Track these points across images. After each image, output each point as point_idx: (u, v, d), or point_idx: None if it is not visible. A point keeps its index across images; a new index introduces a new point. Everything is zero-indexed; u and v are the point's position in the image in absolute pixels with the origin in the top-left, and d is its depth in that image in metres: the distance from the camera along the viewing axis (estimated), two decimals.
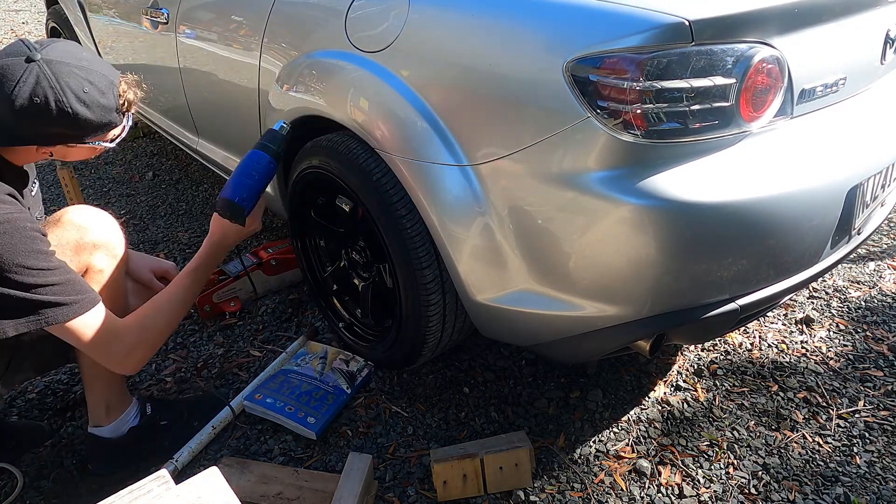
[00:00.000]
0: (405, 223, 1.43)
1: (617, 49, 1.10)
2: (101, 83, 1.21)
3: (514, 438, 1.48)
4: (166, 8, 2.27)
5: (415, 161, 1.36)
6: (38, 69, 1.14)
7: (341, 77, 1.51)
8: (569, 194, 1.18)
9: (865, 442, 1.58)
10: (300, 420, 1.61)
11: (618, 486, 1.48)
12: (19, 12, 7.29)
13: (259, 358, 1.91)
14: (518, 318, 1.37)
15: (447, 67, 1.31)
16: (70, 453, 1.60)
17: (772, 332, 1.95)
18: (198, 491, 0.94)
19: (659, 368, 1.82)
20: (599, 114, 1.13)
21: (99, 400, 1.49)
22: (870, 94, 1.46)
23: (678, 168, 1.15)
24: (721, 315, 1.24)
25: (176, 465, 1.51)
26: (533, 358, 1.87)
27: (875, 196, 1.47)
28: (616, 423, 1.64)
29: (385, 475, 1.51)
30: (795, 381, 1.76)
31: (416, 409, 1.70)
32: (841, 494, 1.44)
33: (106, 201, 3.04)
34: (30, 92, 1.13)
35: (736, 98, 1.13)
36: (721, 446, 1.57)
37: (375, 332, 1.81)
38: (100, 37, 2.99)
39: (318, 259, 1.95)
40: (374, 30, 1.45)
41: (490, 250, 1.33)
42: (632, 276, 1.18)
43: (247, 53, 1.88)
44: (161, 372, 1.87)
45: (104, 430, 1.50)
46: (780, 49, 1.17)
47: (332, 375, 1.75)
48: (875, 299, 2.09)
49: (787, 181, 1.20)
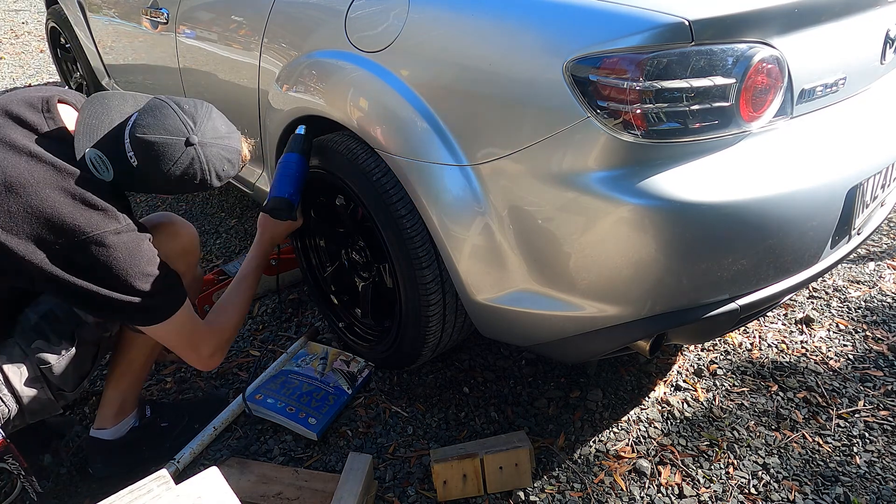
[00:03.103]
0: (405, 223, 1.43)
1: (617, 49, 1.10)
2: (235, 159, 1.36)
3: (514, 438, 1.48)
4: (166, 8, 2.27)
5: (414, 161, 1.36)
6: (195, 153, 1.27)
7: (341, 77, 1.51)
8: (569, 194, 1.18)
9: (865, 442, 1.58)
10: (301, 421, 1.61)
11: (618, 486, 1.48)
12: (19, 12, 7.29)
13: (259, 358, 1.91)
14: (518, 318, 1.37)
15: (447, 67, 1.31)
16: (70, 453, 1.60)
17: (772, 332, 1.95)
18: (198, 491, 0.94)
19: (659, 368, 1.82)
20: (599, 114, 1.13)
21: (117, 398, 1.50)
22: (870, 94, 1.46)
23: (678, 168, 1.15)
24: (721, 315, 1.24)
25: (177, 465, 1.51)
26: (533, 358, 1.87)
27: (875, 196, 1.47)
28: (616, 423, 1.64)
29: (385, 475, 1.51)
30: (795, 381, 1.76)
31: (416, 409, 1.70)
32: (841, 494, 1.44)
33: None
34: (182, 171, 1.26)
35: (736, 98, 1.13)
36: (721, 446, 1.57)
37: (375, 332, 1.81)
38: (99, 37, 2.99)
39: (318, 259, 1.95)
40: (373, 30, 1.45)
41: (490, 250, 1.33)
42: (632, 276, 1.18)
43: (247, 53, 1.89)
44: (161, 372, 1.87)
45: (106, 433, 1.50)
46: (780, 49, 1.18)
47: (333, 376, 1.75)
48: (875, 299, 2.09)
49: (786, 181, 1.20)
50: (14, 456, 1.27)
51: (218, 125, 1.32)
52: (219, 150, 1.31)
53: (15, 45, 5.91)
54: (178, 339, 1.35)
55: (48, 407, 1.30)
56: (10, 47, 5.84)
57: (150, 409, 1.60)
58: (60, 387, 1.29)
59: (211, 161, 1.29)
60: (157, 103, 1.27)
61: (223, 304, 1.50)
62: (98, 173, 1.23)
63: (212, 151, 1.29)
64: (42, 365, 1.25)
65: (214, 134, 1.30)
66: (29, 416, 1.29)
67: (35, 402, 1.27)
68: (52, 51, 3.90)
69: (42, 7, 6.82)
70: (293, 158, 1.62)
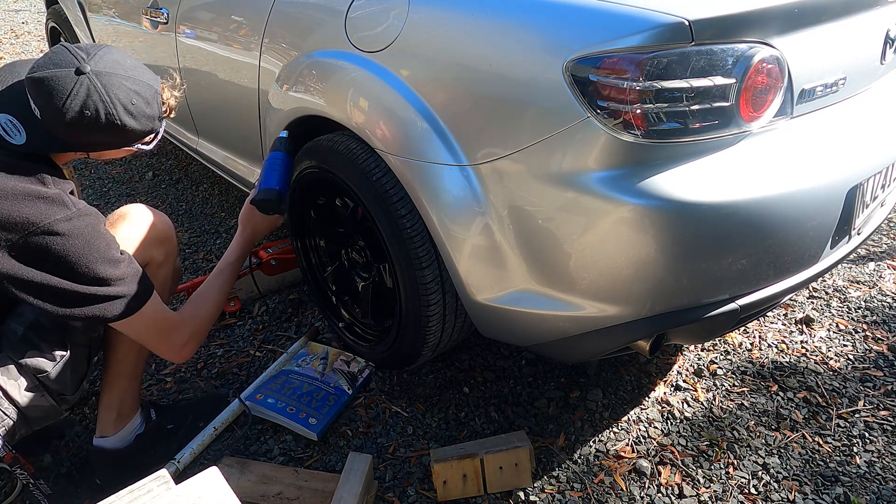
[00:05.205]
0: (405, 223, 1.43)
1: (617, 49, 1.10)
2: (147, 93, 1.24)
3: (514, 438, 1.48)
4: (166, 8, 2.27)
5: (414, 161, 1.36)
6: (89, 82, 1.15)
7: (341, 77, 1.51)
8: (569, 194, 1.18)
9: (865, 442, 1.58)
10: (301, 421, 1.61)
11: (618, 486, 1.48)
12: (19, 12, 7.29)
13: (259, 358, 1.91)
14: (518, 318, 1.37)
15: (447, 67, 1.31)
16: (69, 454, 1.59)
17: (772, 332, 1.95)
18: (198, 491, 0.94)
19: (659, 368, 1.82)
20: (599, 114, 1.13)
21: (115, 402, 1.47)
22: (870, 94, 1.46)
23: (678, 168, 1.15)
24: (721, 315, 1.24)
25: (178, 465, 1.50)
26: (533, 358, 1.87)
27: (875, 196, 1.47)
28: (616, 423, 1.64)
29: (385, 475, 1.51)
30: (795, 381, 1.76)
31: (416, 409, 1.70)
32: (841, 494, 1.44)
33: (105, 201, 3.04)
34: (80, 105, 1.15)
35: (736, 98, 1.13)
36: (721, 446, 1.57)
37: (375, 332, 1.81)
38: (99, 37, 2.99)
39: (318, 259, 1.95)
40: (373, 30, 1.45)
41: (490, 250, 1.33)
42: (632, 276, 1.18)
43: (247, 53, 1.88)
44: (161, 372, 1.87)
45: (110, 441, 1.48)
46: (780, 49, 1.17)
47: (334, 376, 1.75)
48: (875, 299, 2.09)
49: (787, 181, 1.20)
50: (22, 465, 1.27)
51: (119, 58, 1.21)
52: (121, 80, 1.18)
53: (15, 45, 5.90)
54: (151, 331, 1.31)
55: (52, 413, 1.29)
56: (11, 47, 5.84)
57: (154, 412, 1.59)
58: (61, 392, 1.28)
59: (111, 90, 1.16)
60: (54, 48, 1.19)
61: (198, 295, 1.47)
62: (10, 138, 1.16)
63: (111, 80, 1.17)
64: (39, 374, 1.23)
65: (114, 65, 1.19)
66: (34, 423, 1.28)
67: (38, 410, 1.26)
68: None
69: (42, 7, 6.82)
70: (279, 156, 1.64)
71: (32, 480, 1.29)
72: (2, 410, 1.21)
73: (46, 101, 1.15)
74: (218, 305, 1.48)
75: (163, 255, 1.45)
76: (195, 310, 1.43)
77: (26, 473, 1.29)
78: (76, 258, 1.15)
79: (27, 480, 1.28)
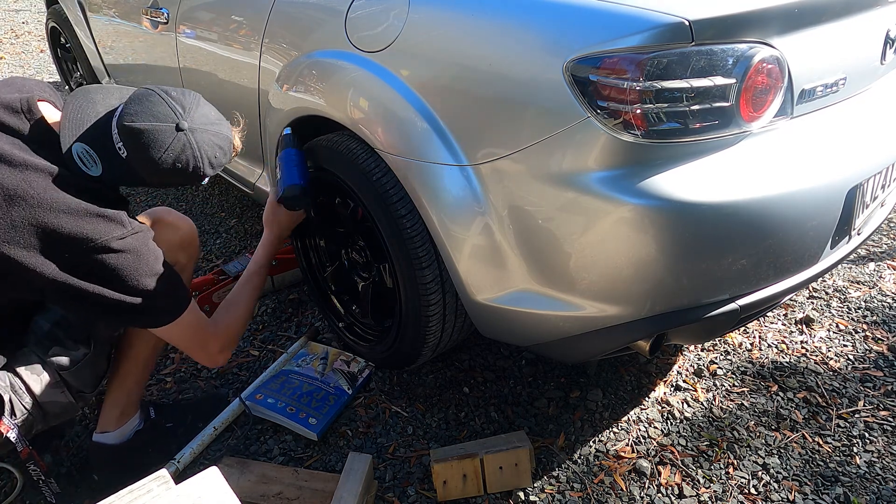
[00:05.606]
0: (405, 223, 1.43)
1: (617, 49, 1.10)
2: (226, 145, 1.32)
3: (514, 438, 1.48)
4: (166, 8, 2.27)
5: (415, 161, 1.36)
6: (185, 138, 1.23)
7: (341, 77, 1.51)
8: (569, 194, 1.18)
9: (865, 442, 1.58)
10: (301, 421, 1.61)
11: (618, 486, 1.48)
12: (19, 12, 7.29)
13: (259, 358, 1.91)
14: (518, 318, 1.37)
15: (447, 67, 1.31)
16: (69, 454, 1.59)
17: (772, 332, 1.95)
18: (198, 491, 0.94)
19: (659, 368, 1.82)
20: (599, 114, 1.13)
21: (121, 399, 1.49)
22: (870, 94, 1.46)
23: (678, 168, 1.15)
24: (721, 315, 1.24)
25: (178, 465, 1.50)
26: (533, 358, 1.87)
27: (875, 196, 1.47)
28: (616, 423, 1.64)
29: (385, 475, 1.51)
30: (795, 381, 1.76)
31: (416, 409, 1.70)
32: (841, 494, 1.44)
33: None
34: (174, 158, 1.22)
35: (736, 98, 1.13)
36: (721, 446, 1.57)
37: (375, 331, 1.81)
38: (100, 37, 2.99)
39: (318, 259, 1.95)
40: (373, 30, 1.45)
41: (490, 250, 1.33)
42: (632, 276, 1.18)
43: (247, 53, 1.89)
44: (161, 371, 1.87)
45: (109, 437, 1.49)
46: (780, 49, 1.17)
47: (334, 376, 1.75)
48: (875, 299, 2.09)
49: (787, 181, 1.20)
50: (35, 462, 1.28)
51: (207, 112, 1.29)
52: (210, 137, 1.27)
53: (15, 45, 5.91)
54: (187, 338, 1.36)
55: (70, 409, 1.31)
56: (11, 47, 5.85)
57: (153, 411, 1.60)
58: (80, 389, 1.30)
59: (203, 147, 1.25)
60: (144, 92, 1.24)
61: (230, 301, 1.50)
62: (86, 168, 1.21)
63: (203, 137, 1.25)
64: (61, 370, 1.26)
65: (205, 120, 1.26)
66: (51, 419, 1.30)
67: (56, 406, 1.28)
68: (53, 51, 3.90)
69: (42, 7, 6.82)
70: (293, 152, 1.65)
71: (44, 478, 1.30)
72: (23, 405, 1.23)
73: (142, 151, 1.21)
74: (250, 310, 1.51)
75: (186, 258, 1.49)
76: (229, 317, 1.46)
77: (39, 470, 1.29)
78: (126, 272, 1.20)
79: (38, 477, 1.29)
